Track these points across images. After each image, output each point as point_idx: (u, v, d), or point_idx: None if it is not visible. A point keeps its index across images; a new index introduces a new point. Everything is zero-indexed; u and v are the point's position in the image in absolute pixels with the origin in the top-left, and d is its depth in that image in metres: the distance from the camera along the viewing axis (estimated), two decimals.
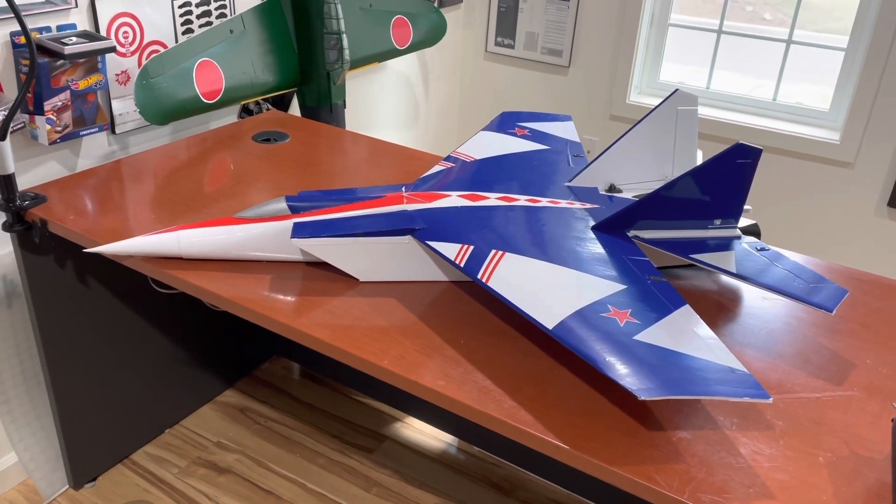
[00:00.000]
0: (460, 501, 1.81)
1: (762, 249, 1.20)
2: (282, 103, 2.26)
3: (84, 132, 1.60)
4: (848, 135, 2.45)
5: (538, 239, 1.17)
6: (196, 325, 1.95)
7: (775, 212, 2.68)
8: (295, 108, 2.32)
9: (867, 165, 2.47)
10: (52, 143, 1.54)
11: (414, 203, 1.26)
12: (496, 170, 1.41)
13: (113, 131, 1.74)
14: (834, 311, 1.06)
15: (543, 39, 2.86)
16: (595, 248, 1.16)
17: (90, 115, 1.62)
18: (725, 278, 1.29)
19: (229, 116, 2.08)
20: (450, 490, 1.84)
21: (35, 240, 1.45)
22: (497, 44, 2.97)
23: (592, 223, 1.24)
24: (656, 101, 2.77)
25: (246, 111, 2.12)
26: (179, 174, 1.59)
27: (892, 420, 0.94)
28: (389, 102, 2.78)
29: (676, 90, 1.35)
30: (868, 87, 2.38)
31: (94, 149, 1.72)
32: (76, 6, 1.57)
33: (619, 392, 1.01)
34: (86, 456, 1.77)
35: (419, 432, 2.02)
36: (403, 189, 1.30)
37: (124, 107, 1.74)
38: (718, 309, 1.21)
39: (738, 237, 1.24)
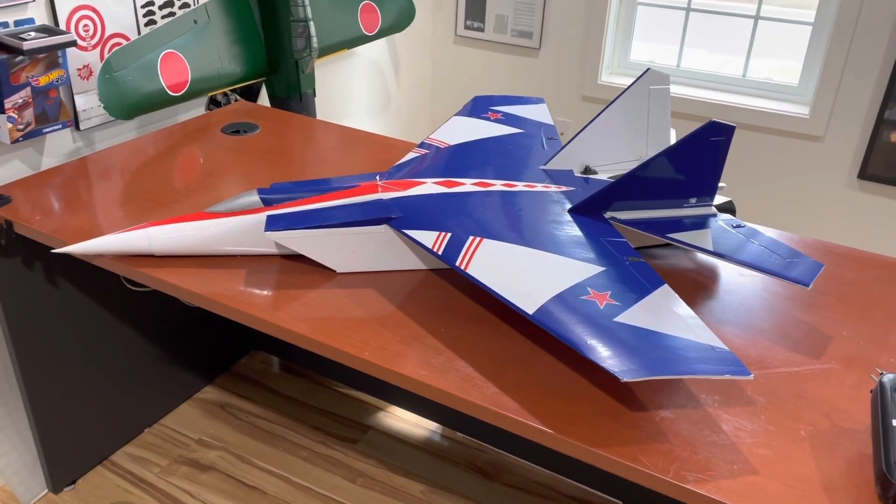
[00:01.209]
0: (445, 488, 1.81)
1: (738, 226, 1.21)
2: (250, 94, 2.23)
3: (47, 129, 1.56)
4: (817, 108, 2.48)
5: (515, 224, 1.17)
6: (172, 322, 1.92)
7: (747, 187, 2.70)
8: (263, 98, 2.28)
9: (837, 138, 2.50)
10: (15, 141, 1.50)
11: (389, 191, 1.24)
12: (471, 155, 1.40)
13: (77, 127, 1.70)
14: (810, 286, 1.07)
15: (513, 22, 2.84)
16: (572, 230, 1.16)
17: (53, 111, 1.57)
18: (702, 256, 1.30)
19: (197, 109, 2.04)
20: (435, 477, 1.84)
21: (0, 242, 1.41)
22: (467, 27, 2.95)
23: (569, 206, 1.24)
24: (628, 81, 2.77)
25: (214, 103, 2.08)
26: (148, 169, 1.56)
27: (871, 391, 0.95)
28: (360, 90, 2.75)
29: (648, 69, 1.35)
30: (836, 61, 2.40)
31: (58, 146, 1.68)
32: (34, 0, 1.53)
33: (601, 374, 1.01)
34: (64, 459, 1.74)
35: (402, 421, 2.01)
36: (378, 178, 1.28)
37: (88, 102, 1.70)
38: (696, 287, 1.22)
39: (714, 215, 1.24)
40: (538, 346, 1.06)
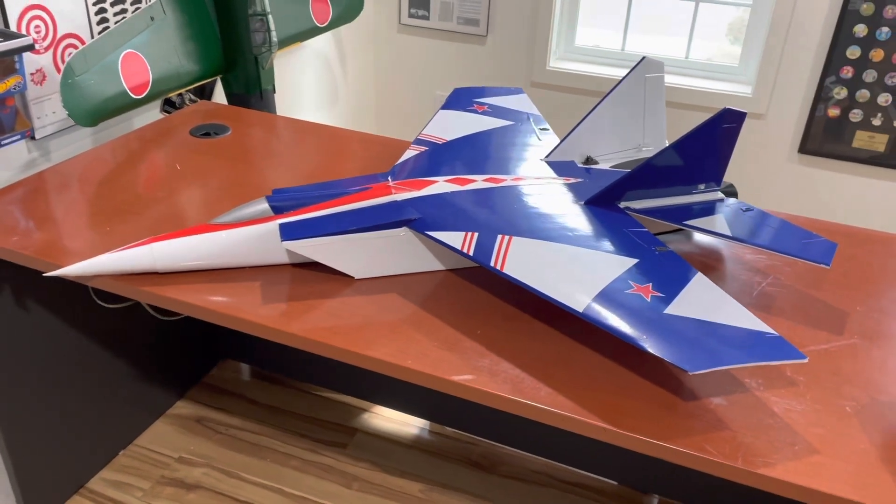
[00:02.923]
0: (443, 484, 1.80)
1: (747, 210, 1.24)
2: (203, 93, 2.13)
3: (5, 141, 1.45)
4: (760, 87, 2.57)
5: (538, 219, 1.16)
6: (139, 337, 1.82)
7: None
8: (216, 97, 2.18)
9: (778, 115, 2.60)
10: None
11: (402, 192, 1.21)
12: (471, 150, 1.38)
13: (32, 137, 1.57)
14: (830, 265, 1.11)
15: (459, 9, 2.82)
16: (594, 223, 1.16)
17: (8, 121, 1.46)
18: (703, 240, 1.32)
19: (150, 112, 1.93)
20: (431, 475, 1.82)
21: None
22: (411, 15, 2.90)
23: (579, 198, 1.24)
24: (575, 66, 2.80)
25: (169, 104, 1.98)
26: (124, 179, 1.46)
27: None
28: (308, 83, 2.67)
29: (644, 58, 1.36)
30: (777, 40, 2.50)
31: (12, 159, 1.55)
32: None
33: (647, 367, 1.01)
34: (40, 490, 1.63)
35: (389, 420, 1.99)
36: (389, 178, 1.25)
37: (43, 109, 1.57)
38: (706, 271, 1.24)
39: (722, 199, 1.27)
40: (576, 341, 1.06)
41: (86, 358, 1.66)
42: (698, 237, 1.33)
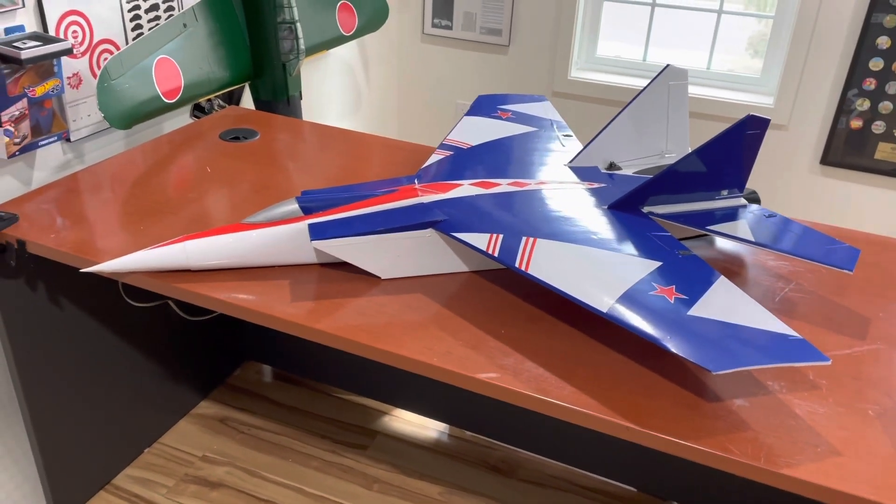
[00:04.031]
0: (462, 488, 1.81)
1: (770, 216, 1.25)
2: (231, 99, 2.17)
3: (43, 142, 1.49)
4: (782, 98, 2.58)
5: (562, 222, 1.18)
6: (165, 336, 1.86)
7: None
8: (244, 103, 2.22)
9: (800, 126, 2.61)
10: (11, 156, 1.42)
11: (428, 195, 1.23)
12: (496, 155, 1.40)
13: (68, 139, 1.62)
14: (853, 271, 1.12)
15: (482, 19, 2.85)
16: (618, 227, 1.18)
17: (46, 123, 1.50)
18: (725, 245, 1.33)
19: (180, 117, 1.98)
20: (451, 478, 1.84)
21: (10, 263, 1.34)
22: (434, 25, 2.94)
23: (603, 202, 1.25)
24: (597, 76, 2.82)
25: (198, 109, 2.02)
26: (155, 180, 1.50)
27: None
28: (332, 91, 2.71)
29: (668, 66, 1.38)
30: (799, 51, 2.50)
31: (49, 160, 1.59)
32: (23, 6, 1.45)
33: (670, 367, 1.03)
34: (68, 486, 1.67)
35: (409, 423, 2.00)
36: (416, 181, 1.27)
37: (78, 112, 1.62)
38: (728, 276, 1.25)
39: (745, 206, 1.28)
40: (599, 342, 1.08)
41: (114, 356, 1.70)
42: (720, 243, 1.34)
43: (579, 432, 1.82)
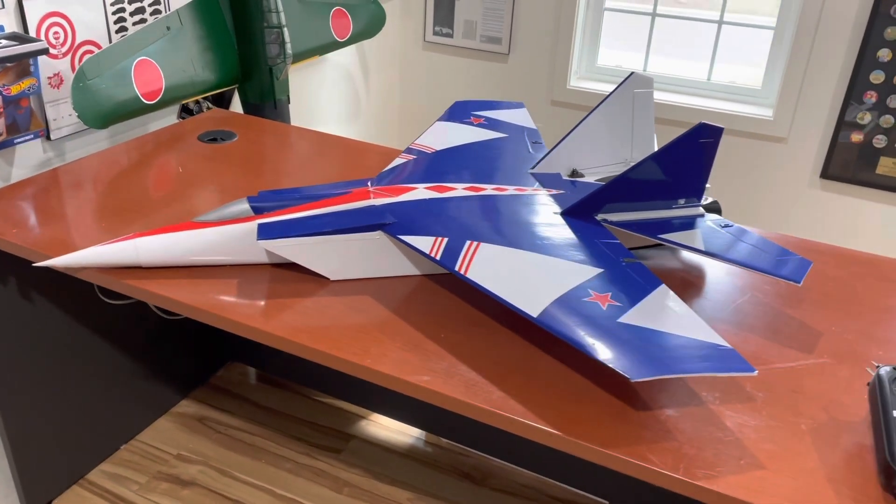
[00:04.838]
0: (432, 494, 1.80)
1: (726, 226, 1.23)
2: (222, 101, 2.19)
3: (18, 140, 1.52)
4: (781, 110, 2.54)
5: (510, 227, 1.17)
6: (146, 335, 1.88)
7: (714, 187, 2.76)
8: (235, 106, 2.25)
9: (800, 139, 2.57)
10: None
11: (381, 197, 1.23)
12: (459, 160, 1.40)
13: (48, 137, 1.65)
14: (801, 283, 1.10)
15: (482, 27, 2.86)
16: (567, 233, 1.17)
17: (23, 121, 1.53)
18: (689, 256, 1.32)
19: (168, 117, 2.01)
20: (421, 484, 1.83)
21: None
22: (435, 33, 2.95)
23: (559, 209, 1.24)
24: (596, 86, 2.81)
25: (186, 111, 2.05)
26: (125, 179, 1.52)
27: (868, 384, 0.97)
28: (330, 96, 2.74)
29: (633, 73, 1.37)
30: (798, 63, 2.47)
31: (28, 157, 1.63)
32: (3, 6, 1.48)
33: (603, 375, 1.01)
34: (39, 480, 1.69)
35: (385, 429, 2.00)
36: (369, 184, 1.27)
37: (59, 111, 1.65)
38: (685, 286, 1.24)
39: (702, 215, 1.26)
40: (539, 349, 1.07)
41: (91, 353, 1.72)
42: (685, 253, 1.33)
43: (508, 431, 1.81)
